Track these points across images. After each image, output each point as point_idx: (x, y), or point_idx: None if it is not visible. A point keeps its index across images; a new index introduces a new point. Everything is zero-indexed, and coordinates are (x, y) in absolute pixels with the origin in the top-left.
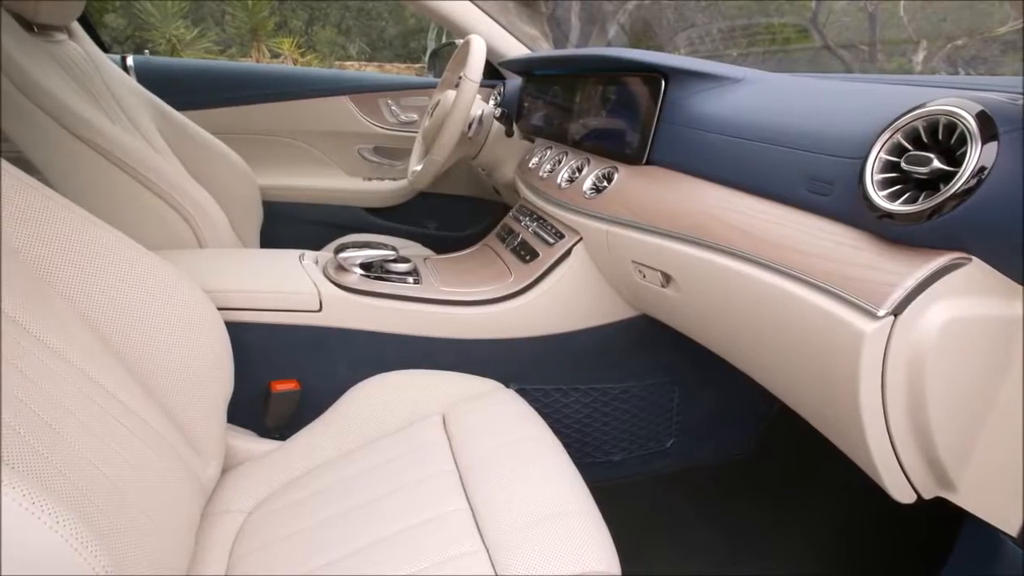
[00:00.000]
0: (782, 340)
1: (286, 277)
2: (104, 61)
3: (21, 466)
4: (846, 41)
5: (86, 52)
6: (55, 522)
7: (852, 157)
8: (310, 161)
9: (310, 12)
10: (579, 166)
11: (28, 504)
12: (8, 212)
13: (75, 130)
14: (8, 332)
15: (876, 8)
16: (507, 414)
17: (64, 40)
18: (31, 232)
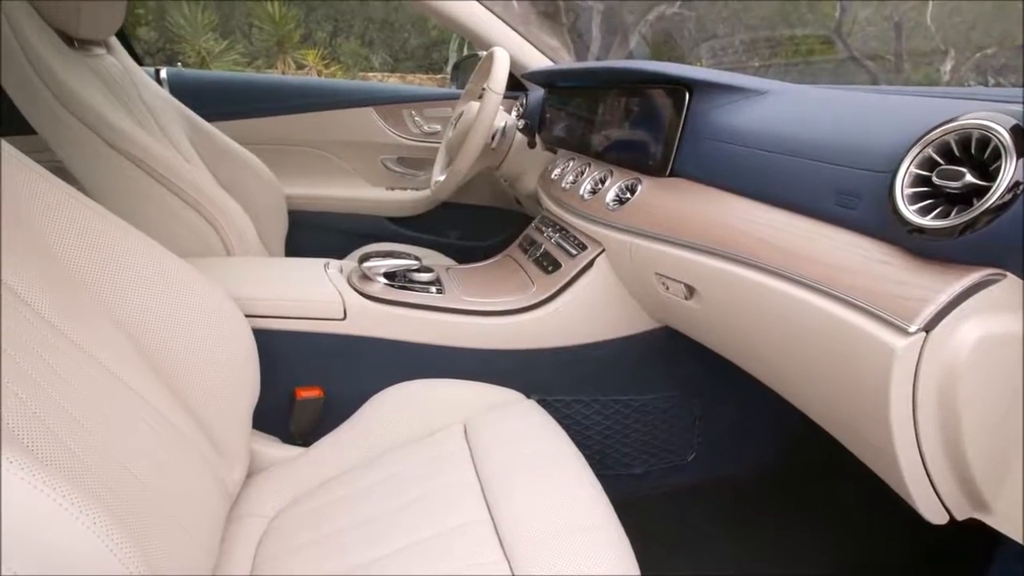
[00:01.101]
0: (808, 354)
1: (311, 285)
2: (139, 74)
3: (56, 465)
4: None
5: (123, 65)
6: (92, 522)
7: (881, 171)
8: (334, 171)
9: (334, 24)
10: (602, 177)
11: (66, 503)
12: (50, 220)
13: (111, 141)
14: (46, 335)
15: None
16: (528, 425)
17: (103, 54)
18: (71, 239)
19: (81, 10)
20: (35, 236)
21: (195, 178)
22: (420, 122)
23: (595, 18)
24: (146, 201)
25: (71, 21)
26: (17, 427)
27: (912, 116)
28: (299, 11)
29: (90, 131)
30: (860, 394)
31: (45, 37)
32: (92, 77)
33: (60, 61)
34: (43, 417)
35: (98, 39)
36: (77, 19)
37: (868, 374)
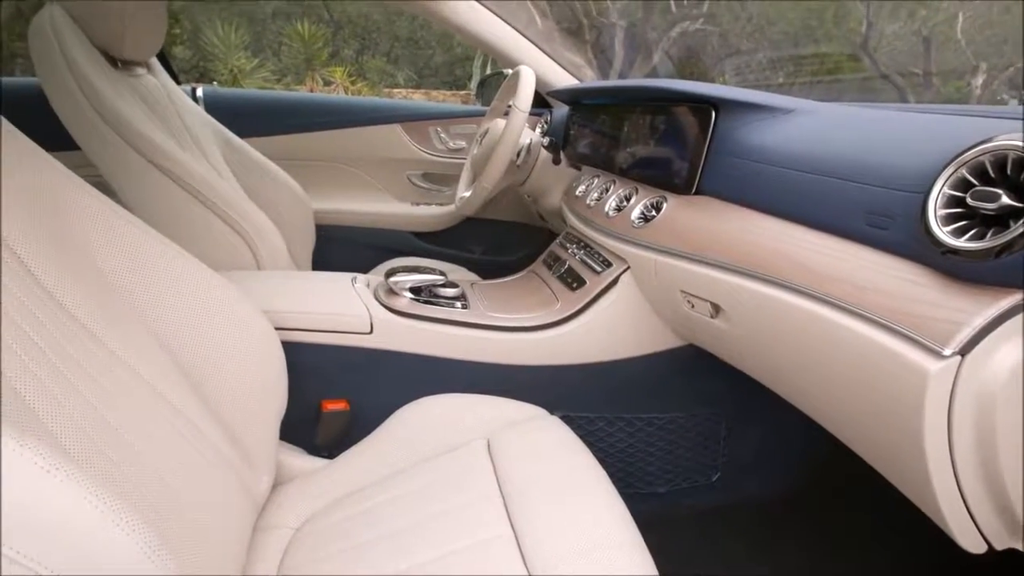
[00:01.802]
0: (838, 376)
1: (339, 299)
2: (177, 93)
3: (96, 471)
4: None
5: (162, 85)
6: (131, 528)
7: (913, 191)
8: (361, 186)
9: (361, 42)
10: (627, 195)
11: (105, 508)
12: (92, 232)
13: (150, 157)
14: (87, 345)
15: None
16: (552, 441)
17: (144, 74)
18: (111, 251)
19: (125, 34)
20: (78, 247)
21: (228, 193)
22: (446, 139)
23: (618, 35)
24: (181, 214)
25: (116, 44)
26: (61, 434)
27: (945, 136)
28: (327, 30)
29: (130, 147)
30: (892, 417)
31: (91, 59)
32: (133, 96)
33: (104, 81)
34: (84, 426)
35: (140, 60)
36: (121, 42)
37: (901, 397)
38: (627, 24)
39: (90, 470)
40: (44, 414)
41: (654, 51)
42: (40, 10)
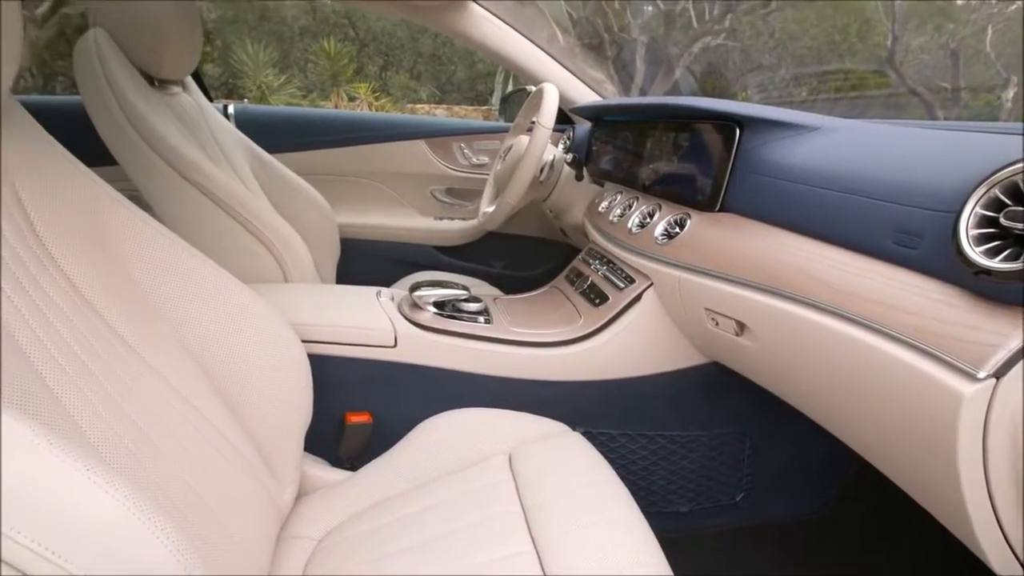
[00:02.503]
0: (866, 397)
1: (364, 313)
2: (210, 110)
3: (127, 476)
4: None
5: (196, 102)
6: (161, 532)
7: (944, 210)
8: (385, 201)
9: (385, 59)
10: (650, 211)
11: (137, 512)
12: (128, 243)
13: (184, 172)
14: (122, 353)
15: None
16: (574, 457)
17: (179, 92)
18: (145, 262)
19: (163, 55)
20: (114, 258)
21: (256, 207)
22: (469, 154)
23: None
24: (212, 228)
25: (154, 64)
26: (95, 439)
27: (976, 154)
28: (353, 47)
29: (165, 163)
30: (924, 440)
31: (131, 78)
32: (169, 114)
33: (142, 100)
34: (118, 431)
35: (176, 79)
36: (159, 62)
37: (933, 420)
38: (648, 40)
39: (123, 474)
40: (81, 419)
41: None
42: (84, 33)
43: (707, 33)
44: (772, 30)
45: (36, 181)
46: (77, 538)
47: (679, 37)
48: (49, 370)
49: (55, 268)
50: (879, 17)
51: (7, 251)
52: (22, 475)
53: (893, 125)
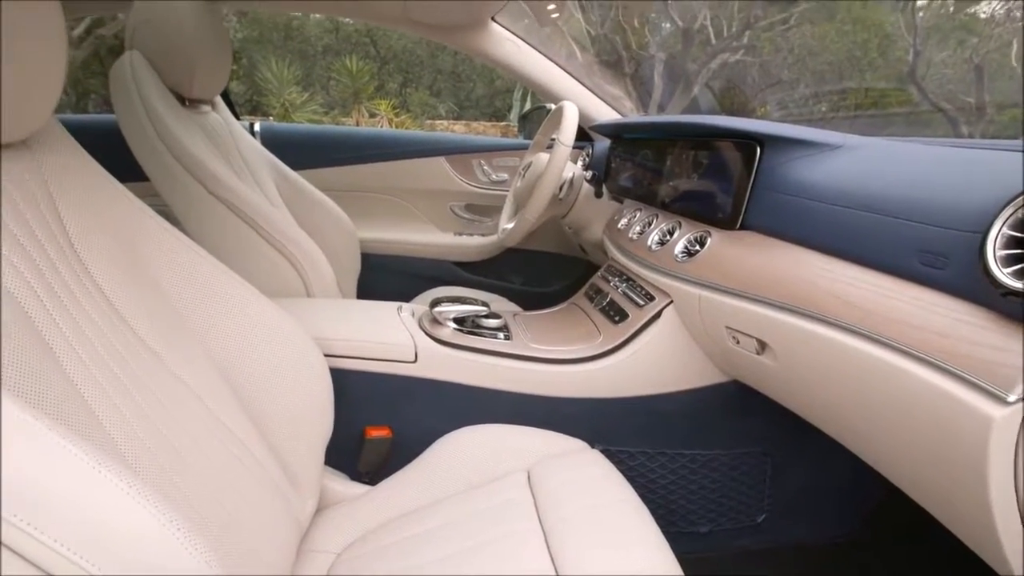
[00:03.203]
0: (892, 418)
1: (385, 328)
2: (237, 128)
3: (154, 484)
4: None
5: (224, 121)
6: (188, 541)
7: (970, 230)
8: (406, 216)
9: (405, 76)
10: (670, 229)
11: (163, 518)
12: (158, 257)
13: (212, 188)
14: (151, 366)
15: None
16: (593, 475)
17: (208, 111)
18: (174, 276)
19: (194, 76)
20: (146, 272)
21: (281, 222)
22: (488, 171)
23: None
24: (238, 242)
25: (185, 84)
26: (126, 449)
27: (1003, 173)
28: (374, 65)
29: (194, 179)
30: (952, 463)
31: (163, 98)
32: (198, 132)
33: (174, 118)
34: (146, 441)
35: (206, 99)
36: (191, 83)
37: (962, 443)
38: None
39: (151, 485)
40: (112, 429)
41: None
42: (117, 52)
43: (725, 49)
44: (791, 46)
45: (73, 195)
46: (106, 543)
47: (697, 53)
48: (83, 380)
49: (89, 280)
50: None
51: (44, 261)
52: (54, 481)
53: (916, 143)
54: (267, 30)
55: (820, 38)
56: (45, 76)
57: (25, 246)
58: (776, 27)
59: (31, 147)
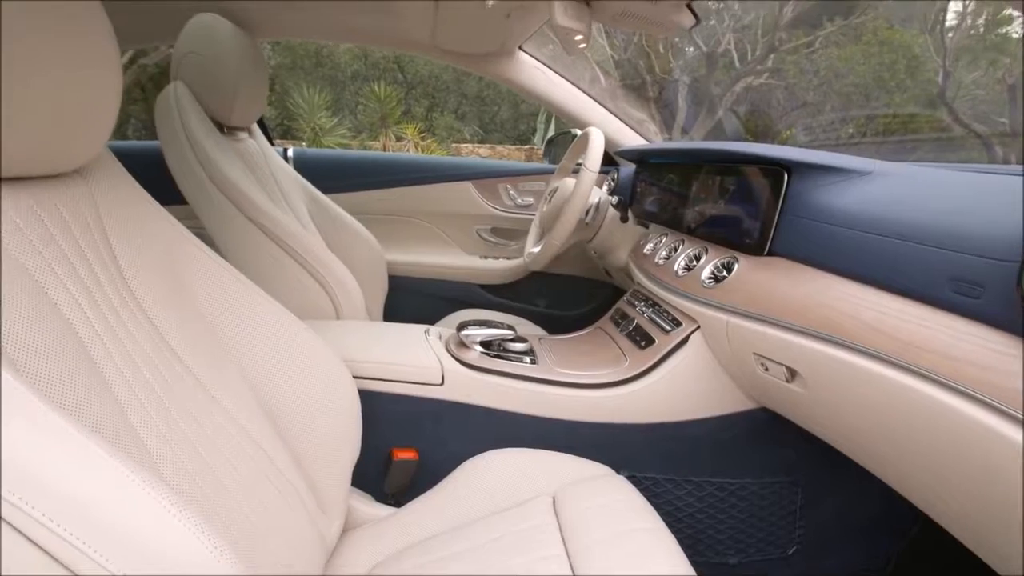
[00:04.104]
0: (925, 449)
1: (413, 351)
2: (272, 154)
3: (189, 499)
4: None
5: (259, 147)
6: (221, 554)
7: (1005, 260)
8: (432, 239)
9: (431, 100)
10: (697, 254)
11: (198, 531)
12: (196, 277)
13: (247, 212)
14: (191, 386)
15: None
16: (619, 502)
17: (245, 138)
18: (211, 296)
19: (234, 105)
20: (186, 293)
21: (312, 245)
22: (514, 195)
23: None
24: (271, 265)
25: (225, 113)
26: (162, 464)
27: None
28: (401, 90)
29: (230, 203)
30: (989, 496)
31: (204, 126)
32: (236, 158)
33: (213, 144)
34: (181, 457)
35: (243, 126)
36: (230, 112)
37: (1000, 477)
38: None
39: (183, 495)
40: (152, 446)
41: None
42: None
43: (750, 73)
44: (816, 68)
45: (121, 220)
46: (140, 551)
47: (721, 77)
48: (126, 398)
49: (134, 302)
50: (928, 54)
51: (94, 285)
52: (96, 491)
53: (947, 169)
54: (299, 57)
55: (846, 60)
56: (101, 108)
57: (78, 270)
58: (801, 50)
59: (84, 175)
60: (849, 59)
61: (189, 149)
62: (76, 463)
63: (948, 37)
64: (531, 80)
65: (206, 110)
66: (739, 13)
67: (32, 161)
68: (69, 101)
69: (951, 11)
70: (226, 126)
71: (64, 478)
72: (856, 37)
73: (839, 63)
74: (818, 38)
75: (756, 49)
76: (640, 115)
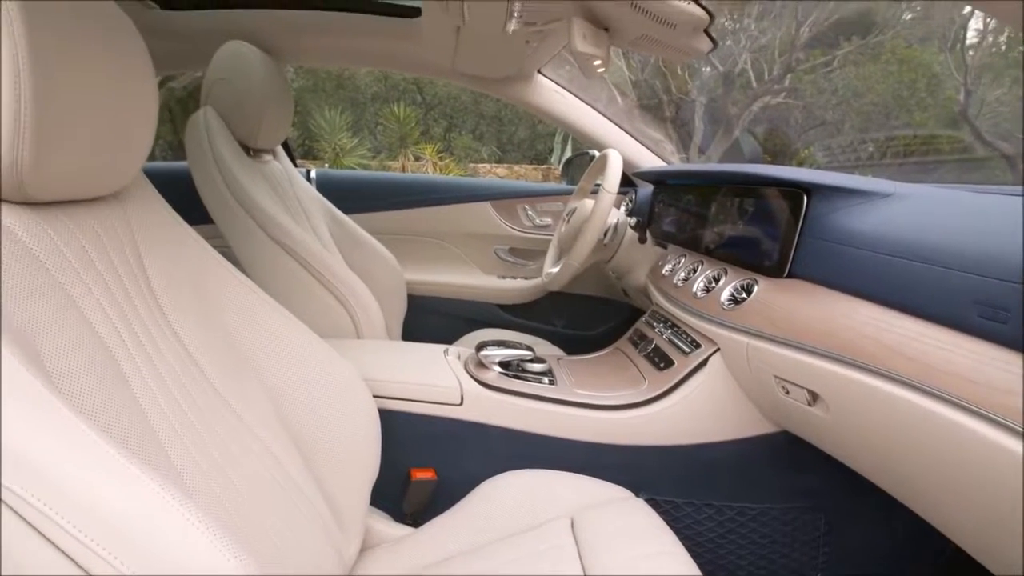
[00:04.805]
0: (952, 476)
1: (432, 370)
2: (295, 174)
3: (210, 512)
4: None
5: (284, 168)
6: (242, 566)
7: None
8: (451, 259)
9: (449, 120)
10: (715, 276)
11: (220, 545)
12: (221, 295)
13: (271, 233)
14: (216, 404)
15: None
16: (638, 525)
17: (270, 160)
18: (236, 314)
19: (260, 129)
20: (213, 311)
21: (334, 265)
22: (533, 215)
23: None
24: (293, 284)
25: (251, 136)
26: (187, 478)
27: None
28: (420, 111)
29: (255, 223)
30: (1018, 525)
31: (231, 149)
32: (262, 180)
33: (239, 166)
34: (206, 472)
35: (268, 148)
36: (256, 135)
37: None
38: (707, 99)
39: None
40: (176, 459)
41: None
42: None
43: (767, 92)
44: (835, 87)
45: (153, 242)
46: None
47: (738, 96)
48: (155, 415)
49: (164, 321)
50: (948, 72)
51: (128, 305)
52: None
53: (970, 191)
54: (321, 80)
55: (865, 79)
56: (138, 135)
57: (112, 289)
58: (818, 69)
59: (120, 197)
60: (868, 78)
61: (216, 171)
62: (110, 477)
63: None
64: (549, 103)
65: (233, 133)
66: (755, 34)
67: (73, 187)
68: (108, 130)
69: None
70: (252, 148)
71: (90, 488)
72: (874, 56)
73: (857, 82)
74: (835, 58)
75: (773, 69)
76: (657, 135)
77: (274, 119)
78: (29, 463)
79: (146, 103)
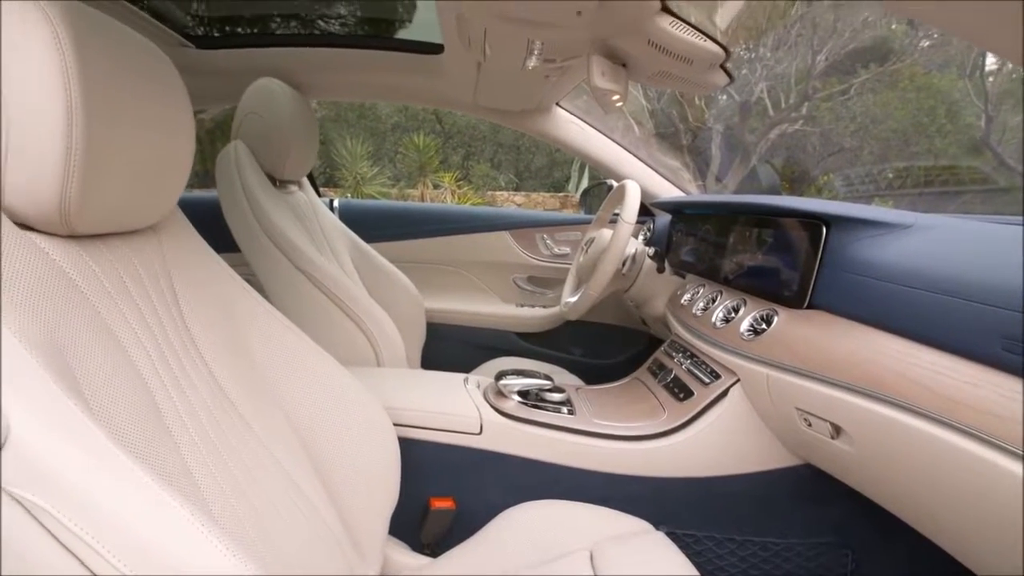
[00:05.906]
0: (983, 515)
1: (452, 399)
2: (319, 204)
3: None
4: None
5: (308, 198)
6: None
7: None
8: (469, 288)
9: (467, 149)
10: (735, 306)
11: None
12: (246, 322)
13: (296, 262)
14: (242, 431)
15: None
16: (659, 559)
17: (295, 191)
18: (261, 341)
19: (287, 162)
20: (241, 342)
21: (356, 293)
22: (551, 244)
23: (714, 138)
24: (316, 312)
25: (278, 168)
26: (212, 503)
27: None
28: (438, 140)
29: (280, 252)
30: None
31: (259, 180)
32: (287, 210)
33: (267, 197)
34: (229, 497)
35: (294, 180)
36: (283, 167)
37: None
38: (724, 128)
39: (227, 531)
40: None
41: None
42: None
43: (784, 120)
44: (853, 114)
45: (186, 272)
46: None
47: (755, 125)
48: (184, 441)
49: (195, 350)
50: (968, 99)
51: (161, 335)
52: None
53: (991, 222)
54: (343, 111)
55: (883, 106)
56: (174, 170)
57: (147, 319)
58: (835, 97)
59: (156, 229)
60: (886, 104)
61: (245, 202)
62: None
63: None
64: (567, 134)
65: (262, 165)
66: (771, 63)
67: (114, 221)
68: (150, 166)
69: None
70: (279, 179)
71: (120, 512)
72: (892, 84)
73: (875, 108)
74: (852, 85)
75: (790, 97)
76: (674, 163)
77: (301, 152)
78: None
79: (184, 139)
